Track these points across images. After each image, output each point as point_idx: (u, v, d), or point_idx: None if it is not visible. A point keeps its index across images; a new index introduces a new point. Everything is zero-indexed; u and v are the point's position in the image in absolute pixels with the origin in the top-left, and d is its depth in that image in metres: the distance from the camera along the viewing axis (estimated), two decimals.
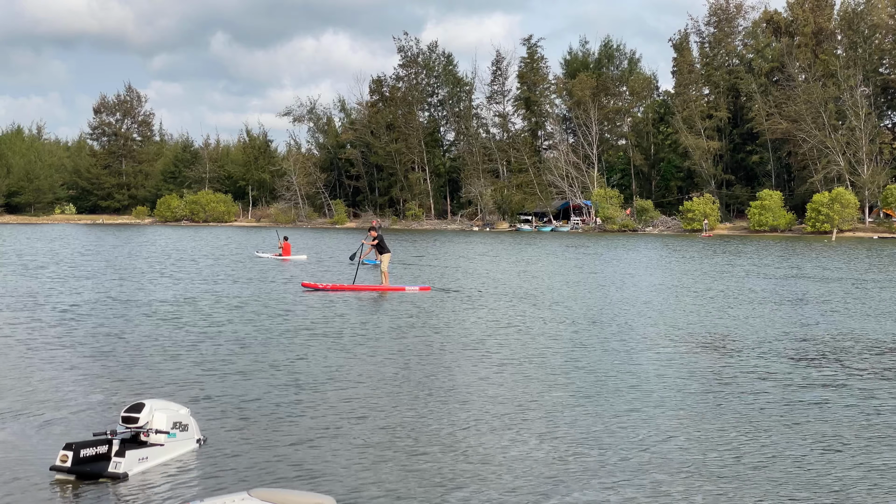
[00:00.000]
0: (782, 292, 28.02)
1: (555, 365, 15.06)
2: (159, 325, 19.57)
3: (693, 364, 15.22)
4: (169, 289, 27.61)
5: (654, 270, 38.33)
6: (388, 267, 29.00)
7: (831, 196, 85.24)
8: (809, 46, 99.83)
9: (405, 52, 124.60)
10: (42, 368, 14.38)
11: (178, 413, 9.74)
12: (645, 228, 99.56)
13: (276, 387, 13.10)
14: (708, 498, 8.43)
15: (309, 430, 10.70)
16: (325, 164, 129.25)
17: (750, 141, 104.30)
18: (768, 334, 18.66)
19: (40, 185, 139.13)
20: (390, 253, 29.05)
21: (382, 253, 28.43)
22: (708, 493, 8.57)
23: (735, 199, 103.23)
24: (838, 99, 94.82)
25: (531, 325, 20.03)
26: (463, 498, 8.40)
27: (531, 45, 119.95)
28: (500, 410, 11.76)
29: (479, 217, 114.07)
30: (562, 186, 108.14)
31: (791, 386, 13.38)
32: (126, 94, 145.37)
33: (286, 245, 44.72)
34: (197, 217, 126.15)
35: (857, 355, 16.19)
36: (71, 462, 8.77)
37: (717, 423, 11.12)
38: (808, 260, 44.98)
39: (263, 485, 8.26)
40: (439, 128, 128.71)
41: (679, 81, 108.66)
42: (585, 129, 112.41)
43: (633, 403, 12.16)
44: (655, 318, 21.34)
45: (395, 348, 16.70)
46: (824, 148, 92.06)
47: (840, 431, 10.82)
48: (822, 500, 8.40)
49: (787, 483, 8.89)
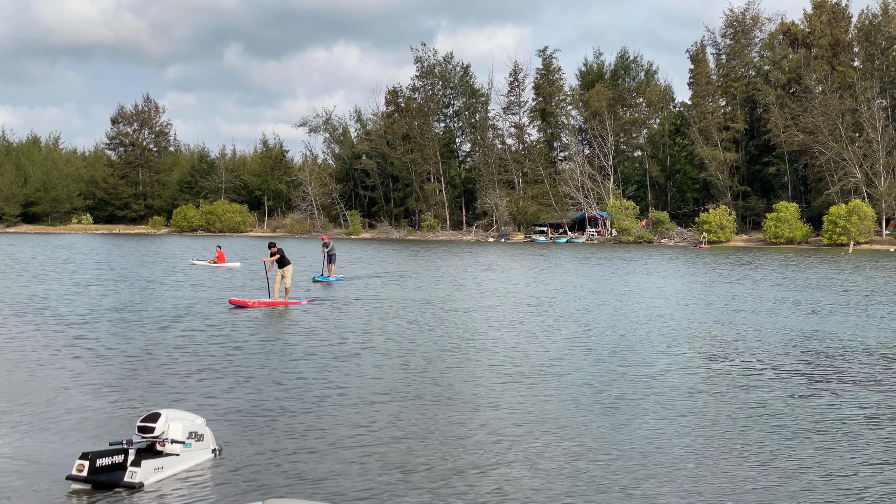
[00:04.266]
0: (809, 304, 27.92)
1: (567, 375, 15.03)
2: (175, 335, 19.63)
3: (707, 373, 15.18)
4: (182, 298, 27.72)
5: (667, 281, 38.27)
6: (291, 281, 28.26)
7: (848, 208, 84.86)
8: (826, 58, 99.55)
9: (422, 62, 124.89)
10: (58, 378, 14.45)
11: (194, 423, 9.77)
12: (661, 240, 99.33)
13: (291, 397, 13.12)
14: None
15: (324, 440, 10.71)
16: (341, 174, 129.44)
17: (766, 152, 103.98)
18: (790, 346, 18.59)
19: (57, 195, 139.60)
20: (291, 265, 28.26)
21: (283, 266, 27.70)
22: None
23: (751, 210, 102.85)
24: (855, 111, 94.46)
25: (538, 332, 20.02)
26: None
27: (547, 56, 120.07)
28: (513, 419, 11.75)
29: (495, 228, 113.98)
30: (577, 198, 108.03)
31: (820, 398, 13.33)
32: (144, 105, 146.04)
33: (220, 253, 47.61)
34: (213, 227, 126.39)
35: (878, 365, 16.11)
36: (87, 471, 8.80)
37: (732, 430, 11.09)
38: (844, 274, 44.81)
39: (279, 495, 8.28)
40: (455, 138, 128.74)
41: (696, 93, 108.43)
42: (601, 140, 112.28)
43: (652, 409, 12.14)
44: (668, 332, 21.29)
45: (404, 358, 16.70)
46: (841, 160, 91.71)
47: (859, 440, 10.78)
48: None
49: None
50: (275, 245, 28.14)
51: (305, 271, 39.14)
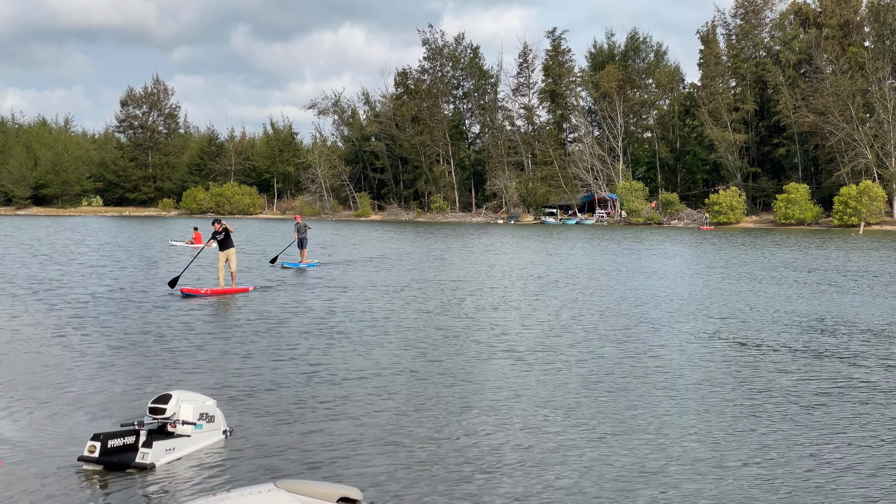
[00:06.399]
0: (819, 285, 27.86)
1: (580, 358, 15.03)
2: (185, 316, 19.68)
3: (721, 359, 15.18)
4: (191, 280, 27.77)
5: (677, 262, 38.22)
6: (236, 265, 25.98)
7: (859, 189, 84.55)
8: (837, 38, 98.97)
9: (430, 44, 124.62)
10: (69, 360, 14.50)
11: (205, 404, 9.79)
12: (670, 221, 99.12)
13: (302, 379, 13.15)
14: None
15: (335, 421, 10.73)
16: (350, 156, 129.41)
17: (776, 133, 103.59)
18: (804, 327, 18.56)
19: (67, 178, 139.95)
20: (234, 248, 25.81)
21: (226, 248, 25.33)
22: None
23: (761, 191, 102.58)
24: (866, 91, 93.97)
25: (548, 316, 20.02)
26: (487, 490, 8.40)
27: (556, 37, 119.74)
28: (525, 405, 11.76)
29: (504, 210, 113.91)
30: (587, 179, 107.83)
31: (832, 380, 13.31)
32: (153, 87, 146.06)
33: (197, 234, 48.48)
34: (222, 209, 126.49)
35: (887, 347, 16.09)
36: (99, 452, 8.83)
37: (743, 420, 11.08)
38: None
39: (290, 476, 8.30)
40: (464, 120, 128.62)
41: (705, 74, 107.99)
42: (611, 121, 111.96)
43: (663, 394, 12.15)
44: (680, 311, 21.27)
45: (415, 341, 16.72)
46: (852, 141, 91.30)
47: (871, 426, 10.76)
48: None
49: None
50: (220, 222, 25.79)
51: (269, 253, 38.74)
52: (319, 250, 43.30)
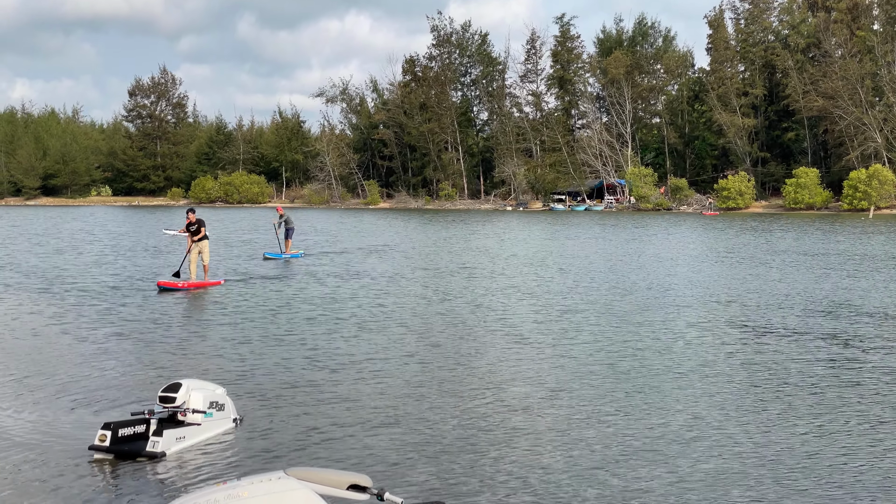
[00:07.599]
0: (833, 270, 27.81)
1: (590, 346, 15.04)
2: (194, 306, 19.73)
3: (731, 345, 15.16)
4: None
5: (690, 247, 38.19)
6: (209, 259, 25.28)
7: (868, 173, 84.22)
8: (846, 22, 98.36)
9: (438, 31, 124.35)
10: (79, 349, 14.55)
11: (215, 393, 9.82)
12: (679, 207, 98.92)
13: (312, 367, 13.17)
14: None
15: (345, 410, 10.75)
16: (358, 144, 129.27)
17: (786, 118, 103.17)
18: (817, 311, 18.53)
19: (76, 168, 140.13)
20: (208, 240, 25.07)
21: (200, 240, 24.60)
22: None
23: (770, 176, 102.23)
24: (875, 75, 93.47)
25: (557, 303, 20.02)
26: (496, 477, 8.41)
27: (564, 23, 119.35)
28: (533, 392, 11.76)
29: (513, 197, 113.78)
30: (595, 165, 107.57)
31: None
32: (161, 77, 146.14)
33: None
34: (231, 198, 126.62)
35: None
36: (109, 441, 8.87)
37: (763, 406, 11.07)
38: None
39: (300, 464, 8.32)
40: (472, 107, 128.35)
41: (714, 58, 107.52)
42: (619, 107, 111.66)
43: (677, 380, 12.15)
44: (691, 294, 21.25)
45: (423, 330, 16.73)
46: (861, 125, 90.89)
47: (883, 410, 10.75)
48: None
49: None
50: (194, 212, 25.18)
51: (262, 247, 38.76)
52: (317, 238, 43.33)
